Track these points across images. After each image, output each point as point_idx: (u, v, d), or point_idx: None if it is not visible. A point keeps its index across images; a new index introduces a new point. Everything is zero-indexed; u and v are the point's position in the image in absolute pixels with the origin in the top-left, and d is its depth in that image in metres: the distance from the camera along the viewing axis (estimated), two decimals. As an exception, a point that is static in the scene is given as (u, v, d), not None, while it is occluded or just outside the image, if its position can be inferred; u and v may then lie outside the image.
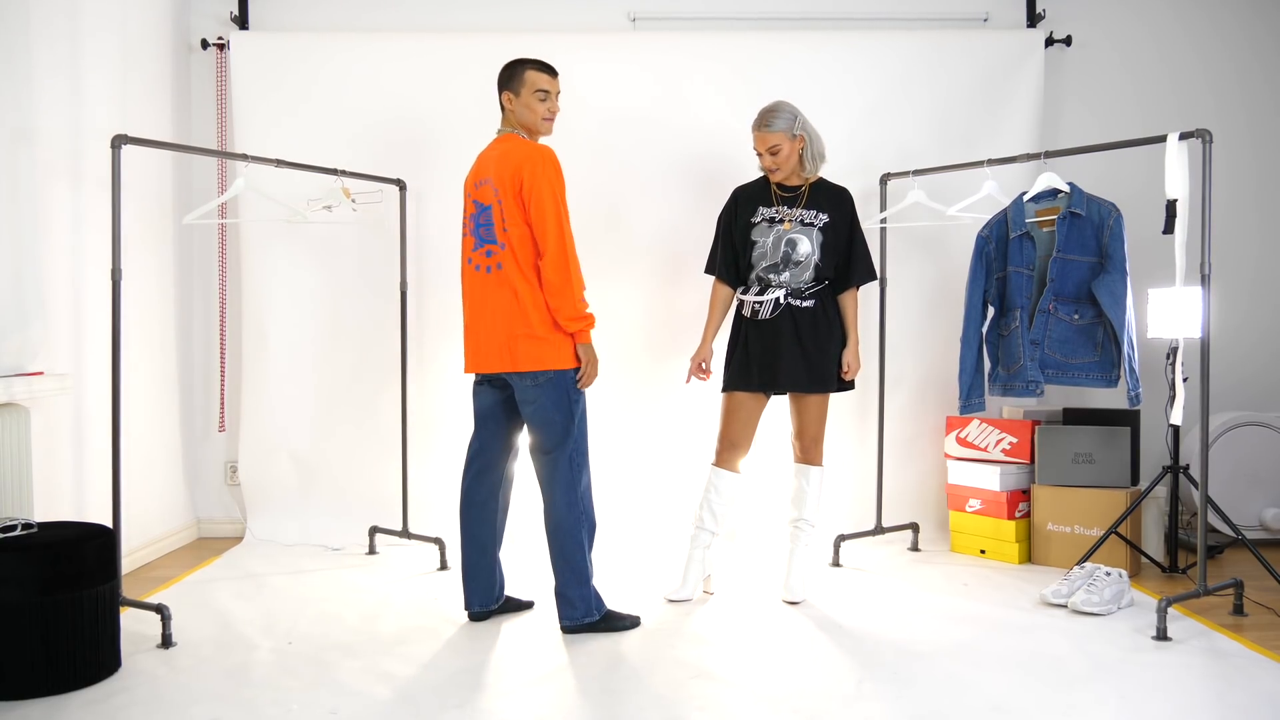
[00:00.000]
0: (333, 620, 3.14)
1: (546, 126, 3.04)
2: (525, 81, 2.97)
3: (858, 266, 3.35)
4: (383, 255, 4.24)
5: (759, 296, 3.28)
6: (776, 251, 3.26)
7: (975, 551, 4.00)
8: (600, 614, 2.99)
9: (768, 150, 3.27)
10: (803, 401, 3.33)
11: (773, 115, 3.27)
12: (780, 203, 3.31)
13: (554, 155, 2.89)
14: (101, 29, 3.64)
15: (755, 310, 3.28)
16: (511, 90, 2.99)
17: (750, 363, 3.27)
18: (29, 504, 2.94)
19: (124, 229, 3.07)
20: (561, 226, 2.84)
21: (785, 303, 3.26)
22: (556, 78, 3.03)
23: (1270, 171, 4.49)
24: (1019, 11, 4.39)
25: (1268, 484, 4.19)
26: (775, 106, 3.29)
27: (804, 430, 3.35)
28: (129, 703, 2.46)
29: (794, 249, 3.26)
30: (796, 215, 3.28)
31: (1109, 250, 3.55)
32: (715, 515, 3.35)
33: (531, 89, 2.97)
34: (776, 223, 3.29)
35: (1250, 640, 2.95)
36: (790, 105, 3.31)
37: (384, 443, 4.24)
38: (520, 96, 2.98)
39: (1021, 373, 3.62)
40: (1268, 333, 4.51)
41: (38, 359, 3.13)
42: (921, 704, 2.46)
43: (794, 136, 3.26)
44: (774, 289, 3.27)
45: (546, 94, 2.99)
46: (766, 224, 3.30)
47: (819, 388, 3.29)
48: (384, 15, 4.36)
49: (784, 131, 3.24)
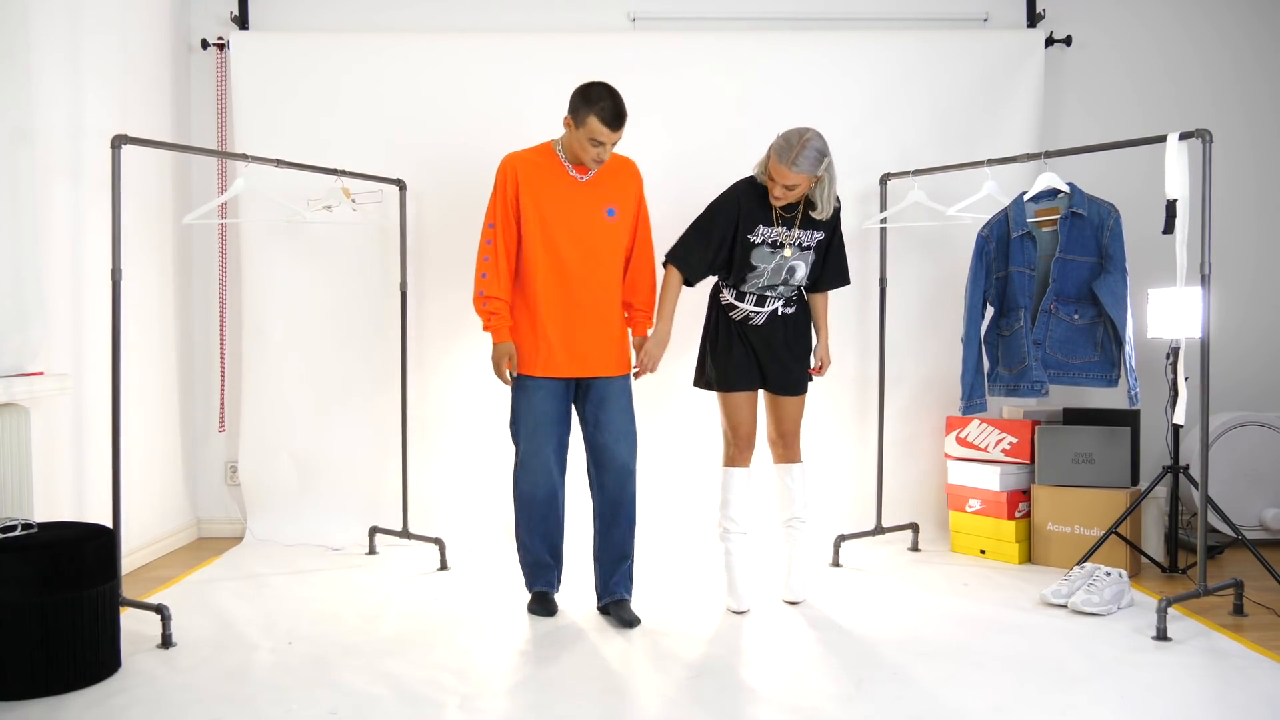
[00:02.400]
0: (333, 620, 3.14)
1: (593, 166, 3.07)
2: (587, 124, 2.97)
3: (830, 273, 3.32)
4: (383, 255, 4.24)
5: (756, 308, 3.27)
6: (776, 276, 3.23)
7: (975, 551, 4.00)
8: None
9: (784, 184, 3.07)
10: (783, 401, 3.34)
11: (802, 154, 3.01)
12: (780, 221, 3.21)
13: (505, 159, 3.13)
14: (101, 29, 3.64)
15: (749, 318, 3.28)
16: (574, 120, 3.00)
17: (748, 363, 3.27)
18: (29, 504, 2.93)
19: (124, 229, 3.06)
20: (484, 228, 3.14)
21: (780, 312, 3.28)
22: (619, 130, 2.99)
23: (1270, 171, 4.49)
24: (1019, 11, 4.39)
25: (1268, 484, 4.19)
26: (806, 141, 3.02)
27: (785, 429, 3.36)
28: (129, 703, 2.46)
29: (793, 275, 3.24)
30: (795, 239, 3.20)
31: (1109, 250, 3.55)
32: (742, 516, 3.33)
33: (588, 134, 2.98)
34: (778, 247, 3.19)
35: (1250, 640, 2.95)
36: (821, 141, 3.06)
37: (384, 443, 4.24)
38: (577, 131, 3.00)
39: (1027, 373, 3.62)
40: (1268, 333, 4.51)
41: (38, 359, 3.13)
42: (921, 704, 2.46)
43: (816, 178, 3.10)
44: (771, 302, 3.27)
45: (601, 145, 3.00)
46: (769, 249, 3.19)
47: (803, 388, 3.34)
48: (384, 15, 4.36)
49: (808, 174, 3.04)
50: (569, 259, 3.07)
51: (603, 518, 3.19)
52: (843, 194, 3.82)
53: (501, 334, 3.10)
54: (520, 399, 3.13)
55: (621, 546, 3.19)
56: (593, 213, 3.10)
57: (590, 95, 2.97)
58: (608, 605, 3.19)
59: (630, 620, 3.11)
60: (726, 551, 3.31)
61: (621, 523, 3.18)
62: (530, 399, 3.11)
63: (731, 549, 3.30)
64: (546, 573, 3.24)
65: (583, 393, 3.16)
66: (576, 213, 3.08)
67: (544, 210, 3.06)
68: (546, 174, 3.08)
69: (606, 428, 3.13)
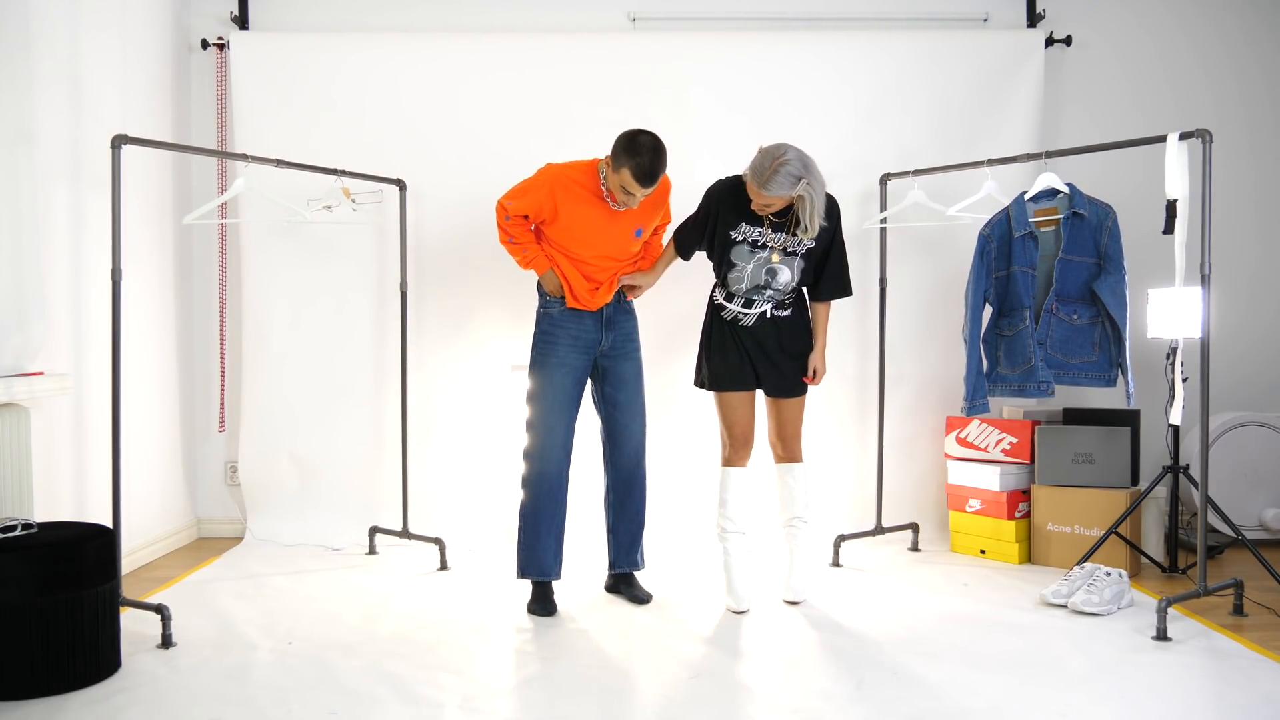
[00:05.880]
0: (333, 620, 3.14)
1: (619, 206, 3.17)
2: (621, 175, 3.02)
3: (828, 283, 3.29)
4: (383, 255, 4.24)
5: (744, 309, 3.26)
6: (756, 278, 3.20)
7: (975, 551, 4.00)
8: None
9: (760, 202, 3.07)
10: (781, 404, 3.34)
11: (774, 178, 2.95)
12: (766, 223, 3.17)
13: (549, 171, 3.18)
14: (101, 29, 3.64)
15: (738, 319, 3.27)
16: (613, 162, 3.05)
17: (743, 363, 3.27)
18: (29, 504, 2.93)
19: (124, 229, 3.06)
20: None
21: (770, 315, 3.27)
22: (650, 187, 3.04)
23: (1270, 171, 4.49)
24: (1019, 12, 4.39)
25: (1268, 484, 4.19)
26: (778, 165, 2.94)
27: (785, 429, 3.36)
28: (129, 703, 2.46)
29: (774, 278, 3.19)
30: (780, 242, 3.17)
31: (1108, 251, 3.55)
32: (740, 515, 3.33)
33: (620, 183, 3.05)
34: (759, 248, 3.17)
35: (1250, 640, 2.95)
36: (796, 164, 2.96)
37: (384, 443, 4.24)
38: (613, 175, 3.06)
39: (1033, 373, 3.62)
40: (1267, 333, 4.51)
41: (38, 359, 3.13)
42: (921, 704, 2.46)
43: (793, 197, 3.03)
44: (759, 304, 3.26)
45: (630, 195, 3.07)
46: (748, 248, 3.17)
47: (801, 390, 3.33)
48: (384, 16, 4.36)
49: (781, 196, 3.00)
50: (592, 268, 3.25)
51: (617, 492, 3.39)
52: (842, 194, 3.83)
53: (541, 265, 3.24)
54: (542, 377, 3.25)
55: (637, 516, 3.40)
56: (622, 235, 3.24)
57: (632, 147, 2.98)
58: (618, 582, 3.39)
59: (643, 597, 3.33)
60: (725, 551, 3.31)
61: (636, 495, 3.39)
62: (551, 377, 3.23)
63: (730, 549, 3.30)
64: (550, 556, 3.24)
65: (601, 375, 3.33)
66: (609, 234, 3.22)
67: (580, 227, 3.17)
68: (586, 197, 3.15)
69: (625, 407, 3.33)
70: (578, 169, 3.17)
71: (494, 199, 3.41)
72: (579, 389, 3.29)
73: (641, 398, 3.39)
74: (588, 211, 3.15)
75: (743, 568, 3.30)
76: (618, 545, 3.40)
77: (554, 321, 3.25)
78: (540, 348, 3.27)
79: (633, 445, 3.36)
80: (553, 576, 3.26)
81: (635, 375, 3.37)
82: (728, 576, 3.30)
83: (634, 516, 3.40)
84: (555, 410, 3.23)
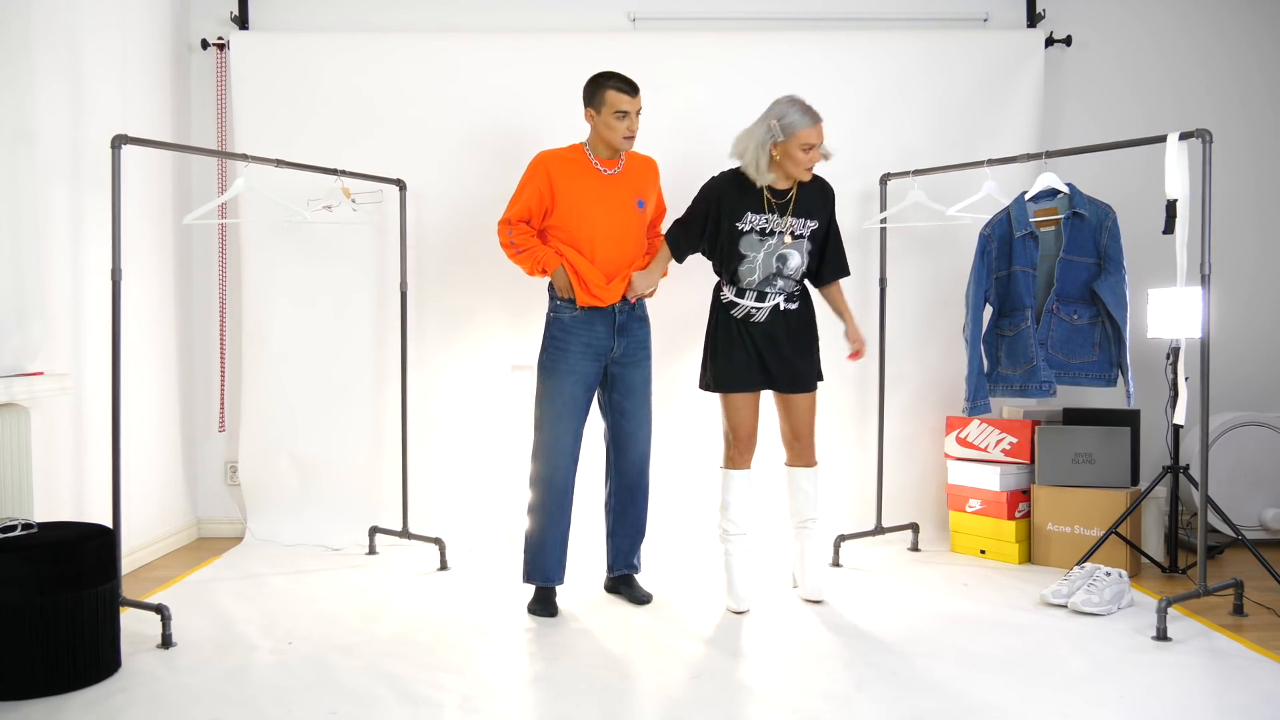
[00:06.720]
0: (333, 620, 3.14)
1: (626, 144, 3.20)
2: (605, 101, 3.08)
3: (830, 265, 3.34)
4: (383, 255, 4.24)
5: (757, 303, 3.26)
6: (768, 267, 3.22)
7: (975, 552, 4.00)
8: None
9: (811, 144, 3.13)
10: (794, 401, 3.33)
11: (810, 106, 3.16)
12: (771, 209, 3.22)
13: (538, 157, 3.24)
14: (101, 29, 3.64)
15: (751, 314, 3.27)
16: (593, 108, 3.12)
17: (750, 363, 3.27)
18: (29, 504, 2.93)
19: (124, 229, 3.06)
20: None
21: (783, 309, 3.27)
22: (637, 95, 3.12)
23: (1269, 171, 4.49)
24: (1019, 12, 4.39)
25: (1268, 484, 4.19)
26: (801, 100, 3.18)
27: (799, 430, 3.35)
28: (129, 703, 2.46)
29: (785, 264, 3.22)
30: (788, 226, 3.22)
31: (1108, 251, 3.55)
32: (742, 517, 3.33)
33: (611, 110, 3.08)
34: (767, 235, 3.20)
35: (1250, 640, 2.95)
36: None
37: (384, 443, 4.24)
38: (600, 115, 3.10)
39: (1035, 373, 3.62)
40: (1268, 333, 4.51)
41: (38, 359, 3.13)
42: (921, 704, 2.46)
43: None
44: (772, 297, 3.26)
45: (625, 114, 3.10)
46: (757, 236, 3.20)
47: (811, 385, 3.34)
48: (384, 15, 4.36)
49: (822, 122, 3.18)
50: (601, 246, 3.21)
51: (619, 498, 3.39)
52: (843, 194, 3.82)
53: (552, 261, 3.21)
54: (552, 383, 3.24)
55: (639, 523, 3.41)
56: (624, 203, 3.24)
57: (598, 78, 3.16)
58: (618, 584, 3.39)
59: (643, 598, 3.33)
60: (726, 553, 3.31)
61: (639, 502, 3.40)
62: (562, 384, 3.22)
63: (731, 550, 3.30)
64: (555, 561, 3.25)
65: (610, 382, 3.32)
66: (609, 204, 3.22)
67: (579, 201, 3.18)
68: (579, 170, 3.22)
69: (632, 415, 3.33)
70: (565, 149, 3.26)
71: (494, 199, 3.42)
72: (589, 395, 3.28)
73: (649, 406, 3.39)
74: (585, 182, 3.19)
75: (743, 568, 3.30)
76: (616, 550, 3.42)
77: (565, 327, 3.23)
78: (551, 353, 3.25)
79: (638, 453, 3.36)
80: (557, 582, 3.27)
81: (644, 383, 3.37)
82: (728, 577, 3.30)
83: (635, 523, 3.40)
84: (564, 418, 3.22)
